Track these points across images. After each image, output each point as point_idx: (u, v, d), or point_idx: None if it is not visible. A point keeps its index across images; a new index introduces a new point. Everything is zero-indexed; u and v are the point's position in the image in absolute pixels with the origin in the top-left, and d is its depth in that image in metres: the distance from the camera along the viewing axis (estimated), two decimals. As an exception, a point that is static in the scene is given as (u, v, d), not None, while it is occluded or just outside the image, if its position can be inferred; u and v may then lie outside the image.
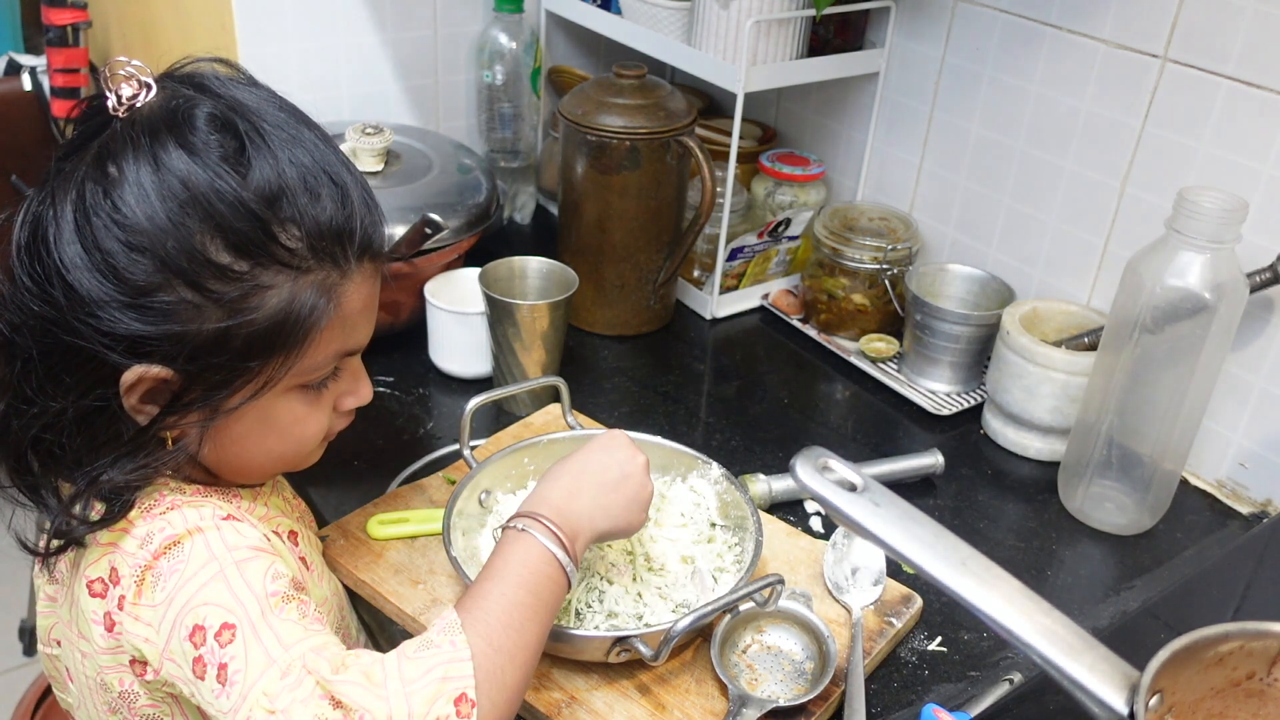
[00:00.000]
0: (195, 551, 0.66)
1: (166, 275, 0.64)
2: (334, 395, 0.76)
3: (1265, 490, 1.08)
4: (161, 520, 0.68)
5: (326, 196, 0.68)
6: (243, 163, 0.65)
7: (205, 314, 0.65)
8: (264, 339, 0.67)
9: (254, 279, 0.65)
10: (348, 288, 0.70)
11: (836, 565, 0.93)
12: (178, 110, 0.66)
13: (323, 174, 0.68)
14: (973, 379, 1.23)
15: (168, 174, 0.64)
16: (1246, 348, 1.06)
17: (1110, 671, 0.58)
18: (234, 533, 0.68)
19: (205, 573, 0.65)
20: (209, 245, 0.64)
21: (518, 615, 0.68)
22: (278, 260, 0.66)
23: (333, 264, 0.69)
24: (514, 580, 0.70)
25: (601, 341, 1.32)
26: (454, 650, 0.64)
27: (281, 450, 0.75)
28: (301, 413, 0.74)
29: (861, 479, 0.68)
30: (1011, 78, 1.21)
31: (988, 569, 0.62)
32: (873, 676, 0.87)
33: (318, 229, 0.67)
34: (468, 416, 0.95)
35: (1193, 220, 0.92)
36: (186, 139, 0.65)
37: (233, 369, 0.67)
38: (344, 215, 0.68)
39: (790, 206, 1.42)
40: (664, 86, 1.25)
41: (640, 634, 0.79)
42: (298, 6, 1.37)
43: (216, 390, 0.68)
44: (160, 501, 0.70)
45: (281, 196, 0.66)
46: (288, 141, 0.68)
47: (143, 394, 0.67)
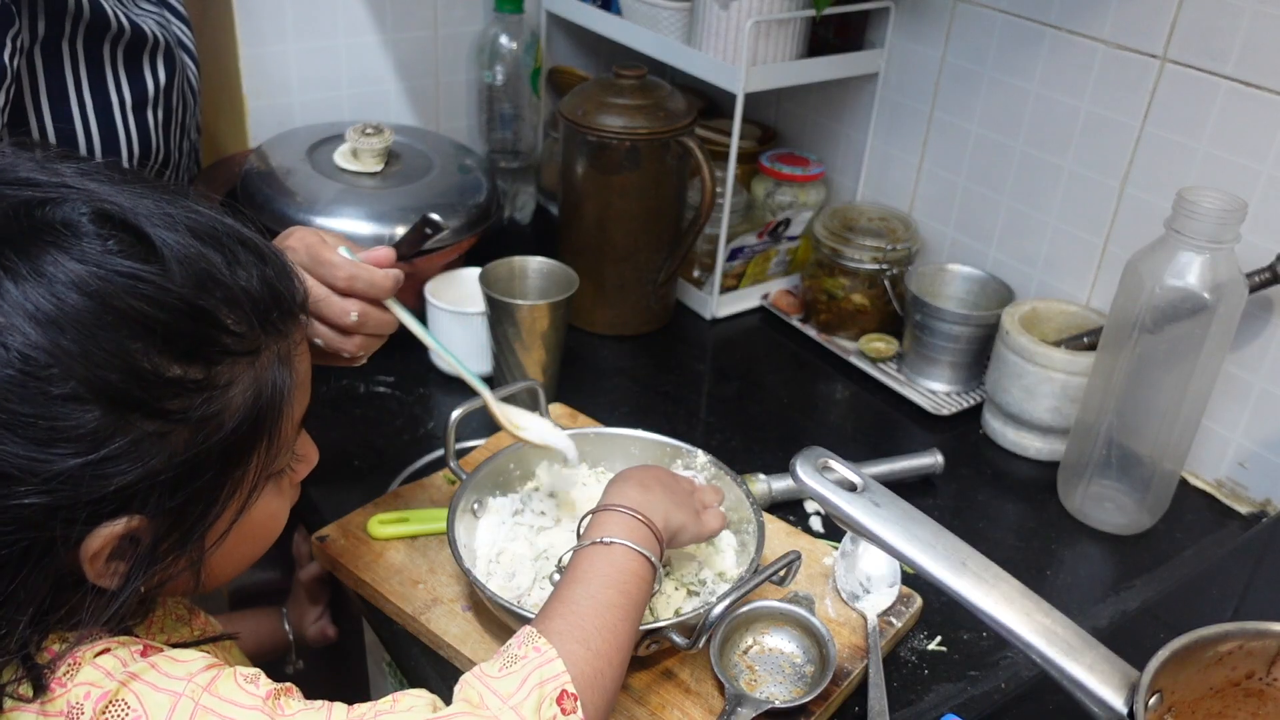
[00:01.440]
0: (148, 698, 0.55)
1: (119, 413, 0.53)
2: (290, 474, 0.68)
3: (1265, 490, 1.09)
4: (77, 686, 0.55)
5: (245, 261, 0.58)
6: (153, 255, 0.54)
7: (172, 441, 0.55)
8: (242, 440, 0.58)
9: (214, 381, 0.56)
10: (298, 352, 0.63)
11: (848, 574, 0.93)
12: (40, 217, 0.54)
13: (226, 237, 0.58)
14: (972, 379, 1.24)
15: (72, 295, 0.52)
16: (1246, 348, 1.06)
17: (1110, 671, 0.58)
18: (172, 662, 0.57)
19: (181, 712, 0.55)
20: (156, 361, 0.53)
21: (612, 616, 0.67)
22: (231, 351, 0.57)
23: (279, 333, 0.60)
24: (600, 582, 0.69)
25: (601, 341, 1.32)
26: (540, 655, 0.62)
27: (256, 551, 0.67)
28: (275, 507, 0.66)
29: (861, 479, 0.68)
30: (1011, 78, 1.21)
31: (987, 569, 0.62)
32: (872, 676, 0.87)
33: (253, 301, 0.58)
34: (451, 429, 0.95)
35: (1192, 220, 0.92)
36: (76, 247, 0.53)
37: (215, 489, 0.58)
38: (271, 275, 0.60)
39: (790, 206, 1.42)
40: (664, 87, 1.26)
41: (673, 624, 0.80)
42: (298, 6, 1.38)
43: (201, 518, 0.58)
44: (55, 660, 0.56)
45: (208, 277, 0.56)
46: (172, 215, 0.57)
47: (108, 556, 0.56)
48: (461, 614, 0.88)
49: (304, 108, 1.43)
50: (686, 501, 0.82)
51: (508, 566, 0.89)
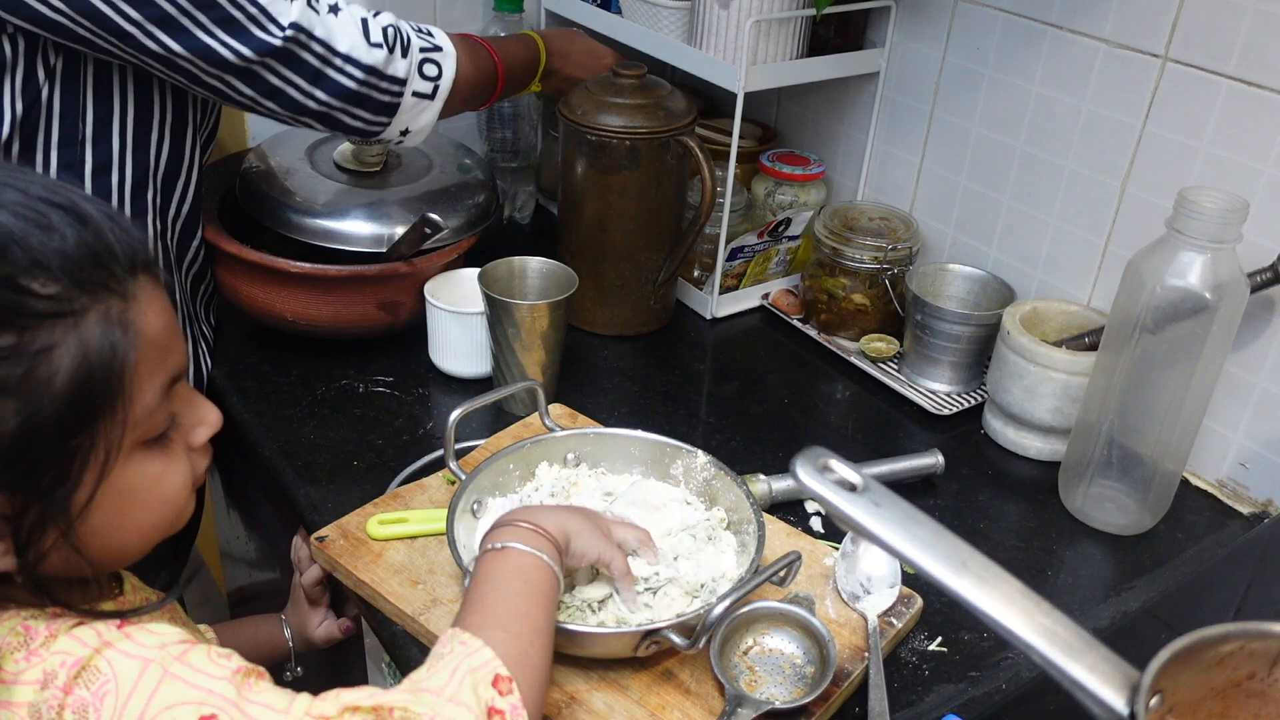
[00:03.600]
0: (119, 665, 0.57)
1: None
2: (181, 436, 0.66)
3: (1266, 490, 1.08)
4: (53, 655, 0.58)
5: (59, 223, 0.57)
6: None
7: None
8: (77, 406, 0.57)
9: (28, 346, 0.55)
10: (138, 311, 0.60)
11: (849, 574, 0.93)
12: None
13: (40, 203, 0.57)
14: (973, 379, 1.23)
15: None
16: (1246, 348, 1.05)
17: (1111, 672, 0.58)
18: (148, 634, 0.59)
19: (149, 679, 0.57)
20: None
21: (523, 603, 0.70)
22: (43, 314, 0.55)
23: (108, 291, 0.58)
24: (502, 577, 0.72)
25: (601, 341, 1.32)
26: (465, 648, 0.65)
27: (153, 520, 0.65)
28: (157, 471, 0.64)
29: (861, 479, 0.68)
30: (1012, 77, 1.21)
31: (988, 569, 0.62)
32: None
33: (68, 262, 0.57)
34: (451, 430, 0.95)
35: (1193, 220, 0.92)
36: None
37: (60, 457, 0.57)
38: (90, 235, 0.58)
39: (790, 206, 1.42)
40: (664, 86, 1.25)
41: (673, 624, 0.80)
42: (297, 6, 1.37)
43: (55, 491, 0.57)
44: (32, 635, 0.59)
45: (9, 246, 0.55)
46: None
47: None
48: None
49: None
50: (587, 518, 0.82)
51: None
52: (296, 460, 1.07)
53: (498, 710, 0.63)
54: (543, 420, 1.02)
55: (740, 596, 0.81)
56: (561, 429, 1.01)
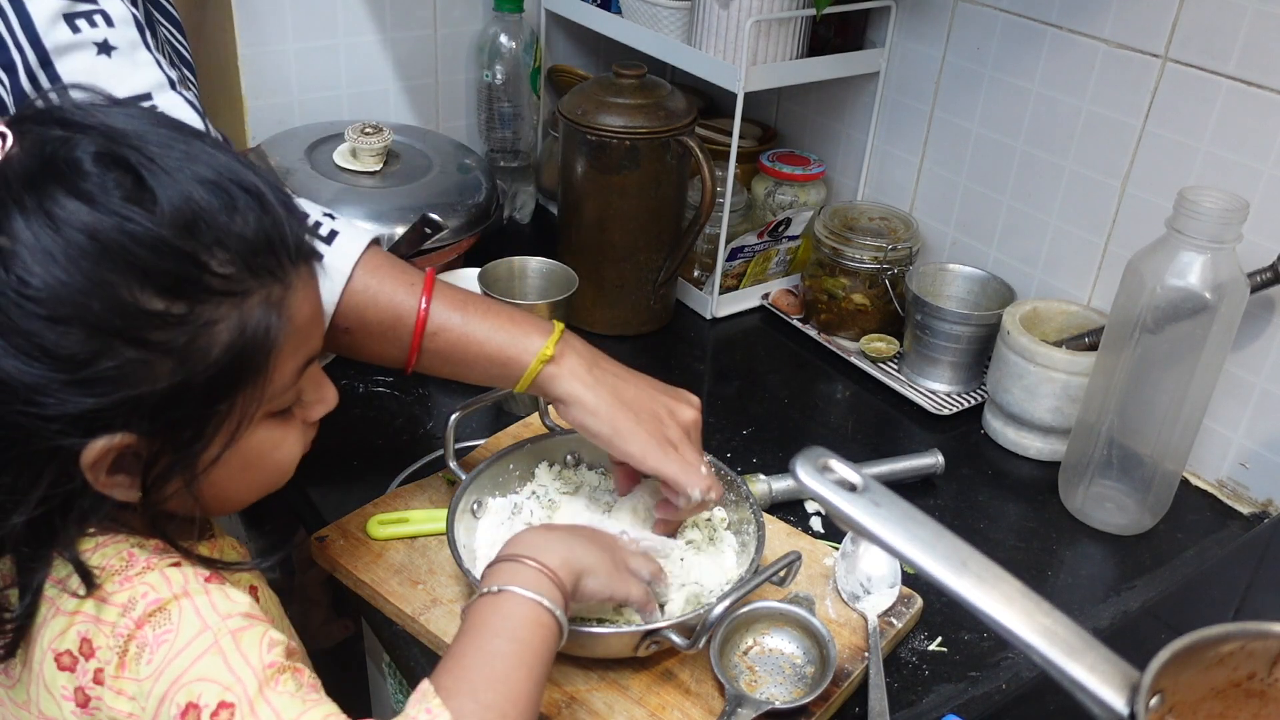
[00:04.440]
0: (185, 619, 0.61)
1: (103, 339, 0.58)
2: (302, 412, 0.72)
3: (1266, 490, 1.08)
4: (141, 584, 0.63)
5: (244, 207, 0.62)
6: (146, 196, 0.59)
7: (156, 368, 0.59)
8: (225, 376, 0.61)
9: (197, 318, 0.60)
10: (294, 298, 0.65)
11: (849, 574, 0.92)
12: (56, 156, 0.59)
13: (231, 184, 0.62)
14: (973, 379, 1.23)
15: (69, 230, 0.57)
16: (1246, 348, 1.05)
17: (1111, 672, 0.58)
18: (223, 597, 0.63)
19: (199, 644, 0.61)
20: (138, 295, 0.58)
21: (500, 666, 0.67)
22: (215, 291, 0.60)
23: (273, 278, 0.63)
24: (488, 632, 0.68)
25: (601, 341, 1.31)
26: (430, 717, 0.62)
27: (264, 480, 0.71)
28: (277, 438, 0.69)
29: (861, 479, 0.68)
30: (1012, 77, 1.21)
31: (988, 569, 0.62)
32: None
33: (246, 245, 0.61)
34: (450, 430, 0.94)
35: (1193, 220, 0.92)
36: (78, 186, 0.58)
37: (201, 418, 0.62)
38: (269, 222, 0.63)
39: (790, 206, 1.42)
40: (664, 86, 1.25)
41: (671, 624, 0.80)
42: (298, 6, 1.37)
43: (190, 446, 0.62)
44: (133, 562, 0.64)
45: (198, 221, 0.60)
46: (183, 159, 0.61)
47: (109, 467, 0.61)
48: (461, 614, 0.88)
49: (303, 107, 1.43)
50: (600, 548, 0.78)
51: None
52: (296, 460, 1.07)
53: None
54: (543, 420, 1.02)
55: (740, 596, 0.81)
56: (561, 429, 1.01)
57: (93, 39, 0.77)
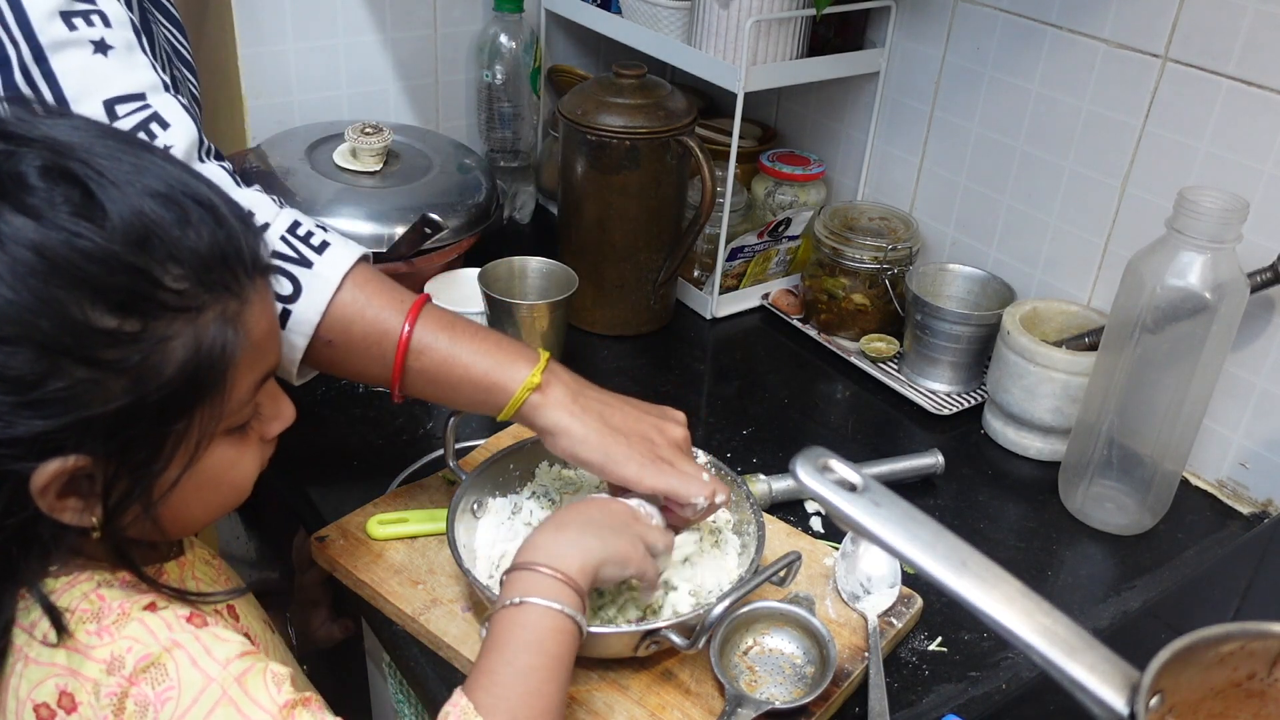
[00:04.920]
0: (185, 674, 0.60)
1: (52, 359, 0.56)
2: (258, 429, 0.70)
3: (1266, 490, 1.08)
4: (123, 639, 0.61)
5: (197, 220, 0.60)
6: (96, 211, 0.57)
7: (109, 388, 0.57)
8: (181, 394, 0.60)
9: (150, 335, 0.58)
10: (250, 313, 0.63)
11: (849, 574, 0.93)
12: (1, 171, 0.57)
13: (184, 197, 0.60)
14: (973, 379, 1.23)
15: (15, 247, 0.55)
16: (1246, 348, 1.05)
17: (1111, 672, 0.58)
18: (215, 640, 0.62)
19: (207, 698, 0.60)
20: (89, 313, 0.56)
21: (535, 681, 0.68)
22: (169, 307, 0.59)
23: (228, 292, 0.62)
24: (520, 647, 0.69)
25: (601, 341, 1.32)
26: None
27: (221, 500, 0.70)
28: (234, 457, 0.68)
29: (862, 479, 0.68)
30: (1012, 77, 1.21)
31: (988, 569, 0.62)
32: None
33: (200, 260, 0.60)
34: (450, 430, 0.94)
35: (1194, 220, 0.92)
36: (23, 201, 0.56)
37: (157, 437, 0.61)
38: (224, 235, 0.61)
39: (790, 206, 1.42)
40: (664, 86, 1.25)
41: (671, 624, 0.80)
42: (298, 6, 1.37)
43: (147, 467, 0.61)
44: (105, 608, 0.62)
45: (150, 235, 0.58)
46: (133, 171, 0.59)
47: (60, 490, 0.60)
48: (461, 615, 0.88)
49: (303, 107, 1.43)
50: (614, 530, 0.78)
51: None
52: (296, 460, 1.07)
53: None
54: None
55: (740, 596, 0.81)
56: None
57: (89, 37, 0.76)
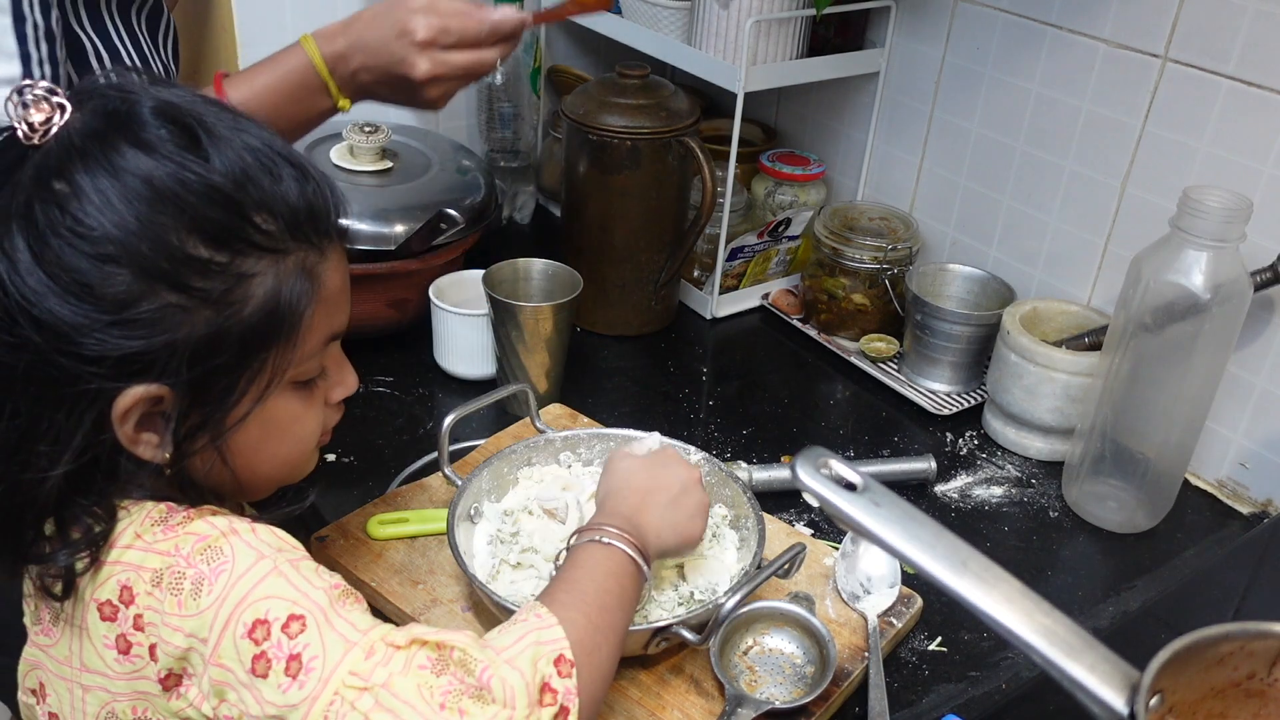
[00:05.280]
0: (239, 550, 0.63)
1: (147, 281, 0.60)
2: (323, 390, 0.73)
3: (1266, 490, 1.08)
4: (185, 533, 0.64)
5: (288, 176, 0.65)
6: (201, 151, 0.62)
7: (194, 316, 0.62)
8: (258, 331, 0.64)
9: (237, 269, 0.62)
10: (327, 267, 0.68)
11: (849, 574, 0.93)
12: (119, 112, 0.62)
13: (278, 156, 0.65)
14: (973, 379, 1.23)
15: (128, 175, 0.60)
16: (1247, 348, 1.05)
17: (1111, 672, 0.58)
18: (272, 534, 0.65)
19: (259, 569, 0.62)
20: (185, 241, 0.61)
21: (610, 599, 0.70)
22: (257, 246, 0.63)
23: (309, 244, 0.66)
24: (603, 570, 0.72)
25: (602, 341, 1.32)
26: (540, 620, 0.66)
27: (287, 454, 0.72)
28: (299, 410, 0.70)
29: (862, 479, 0.68)
30: (1012, 77, 1.21)
31: (988, 569, 0.62)
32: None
33: (289, 210, 0.64)
34: (444, 436, 0.94)
35: (1197, 219, 0.92)
36: (138, 137, 0.61)
37: (233, 370, 0.64)
38: (311, 192, 0.66)
39: (790, 206, 1.42)
40: (666, 87, 1.25)
41: (683, 619, 0.80)
42: (298, 6, 1.37)
43: (221, 400, 0.64)
44: (173, 512, 0.65)
45: (247, 180, 0.63)
46: (233, 129, 0.64)
47: (138, 420, 0.63)
48: (461, 614, 0.88)
49: (304, 107, 1.43)
50: (692, 516, 0.82)
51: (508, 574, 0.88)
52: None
53: (551, 689, 0.63)
54: (534, 423, 1.02)
55: (750, 590, 0.81)
56: (555, 431, 1.01)
57: None
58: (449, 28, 0.91)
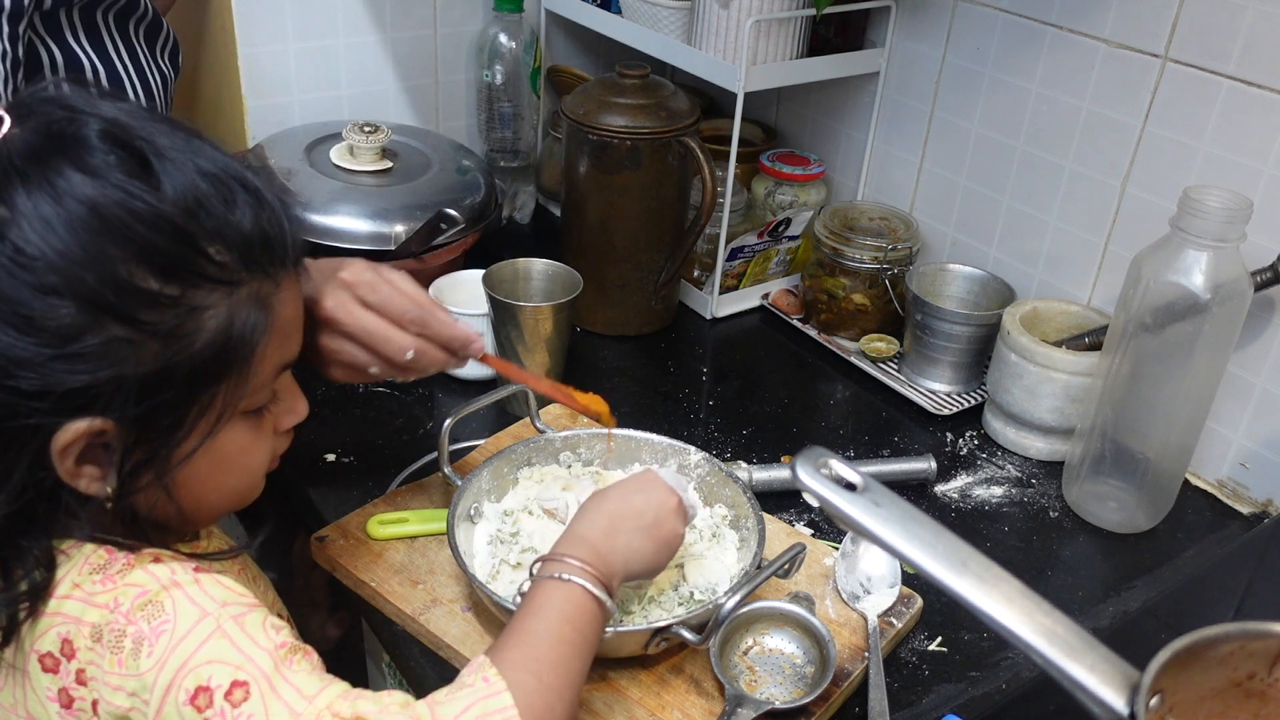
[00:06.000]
0: (181, 608, 0.60)
1: (92, 314, 0.57)
2: (273, 417, 0.71)
3: (1266, 490, 1.08)
4: (125, 585, 0.61)
5: (243, 203, 0.62)
6: (151, 178, 0.59)
7: (142, 350, 0.59)
8: (209, 365, 0.61)
9: (188, 301, 0.60)
10: (281, 297, 0.65)
11: (849, 574, 0.93)
12: (63, 133, 0.59)
13: (232, 180, 0.62)
14: (973, 379, 1.23)
15: (71, 201, 0.57)
16: (1247, 348, 1.05)
17: (1111, 672, 0.58)
18: (216, 585, 0.62)
19: (201, 629, 0.60)
20: (134, 272, 0.58)
21: (565, 650, 0.67)
22: (209, 278, 0.60)
23: (264, 274, 0.64)
24: (558, 616, 0.69)
25: (602, 341, 1.32)
26: (488, 686, 0.63)
27: (235, 485, 0.70)
28: (248, 441, 0.68)
29: (862, 479, 0.68)
30: (1012, 77, 1.21)
31: (988, 569, 0.62)
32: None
33: (243, 239, 0.62)
34: (445, 436, 0.94)
35: (1198, 219, 0.92)
36: (84, 160, 0.58)
37: (182, 404, 0.62)
38: (266, 220, 0.63)
39: (790, 206, 1.42)
40: (666, 86, 1.25)
41: (683, 619, 0.80)
42: (298, 6, 1.37)
43: (168, 435, 0.62)
44: (112, 559, 0.63)
45: (200, 208, 0.60)
46: (185, 150, 0.61)
47: (78, 455, 0.60)
48: (461, 614, 0.88)
49: (303, 107, 1.43)
50: (665, 544, 0.78)
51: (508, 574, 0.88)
52: (296, 460, 1.07)
53: None
54: (534, 423, 1.02)
55: (751, 590, 0.81)
56: (555, 431, 1.01)
57: None
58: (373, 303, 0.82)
